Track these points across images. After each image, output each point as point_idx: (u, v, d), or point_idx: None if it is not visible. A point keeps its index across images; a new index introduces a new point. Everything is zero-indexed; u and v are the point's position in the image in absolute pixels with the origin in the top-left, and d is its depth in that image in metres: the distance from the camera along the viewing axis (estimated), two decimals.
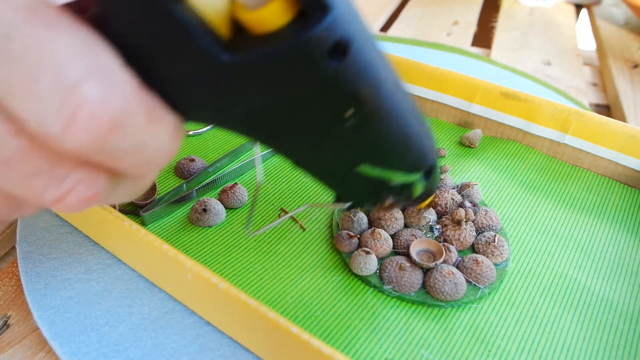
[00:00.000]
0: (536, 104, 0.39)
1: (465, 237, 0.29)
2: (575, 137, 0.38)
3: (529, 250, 0.31)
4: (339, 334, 0.25)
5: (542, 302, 0.28)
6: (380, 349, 0.25)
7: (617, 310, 0.28)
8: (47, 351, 0.26)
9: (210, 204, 0.31)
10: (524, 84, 0.54)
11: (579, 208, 0.35)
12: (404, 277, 0.27)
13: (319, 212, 0.33)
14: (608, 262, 0.31)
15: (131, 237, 0.26)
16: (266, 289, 0.27)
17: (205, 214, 0.31)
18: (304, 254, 0.30)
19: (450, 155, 0.39)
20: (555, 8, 0.85)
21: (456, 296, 0.27)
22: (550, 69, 0.63)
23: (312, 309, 0.26)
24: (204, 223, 0.31)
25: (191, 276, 0.23)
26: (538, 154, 0.40)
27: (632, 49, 0.68)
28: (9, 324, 0.28)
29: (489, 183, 0.36)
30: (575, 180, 0.37)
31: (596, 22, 0.77)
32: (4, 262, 0.32)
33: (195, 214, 0.31)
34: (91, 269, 0.29)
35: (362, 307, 0.27)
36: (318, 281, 0.28)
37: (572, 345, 0.26)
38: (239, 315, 0.23)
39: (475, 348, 0.25)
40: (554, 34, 0.74)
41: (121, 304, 0.27)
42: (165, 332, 0.25)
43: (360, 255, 0.27)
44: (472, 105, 0.41)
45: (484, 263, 0.28)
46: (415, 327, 0.26)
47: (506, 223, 0.33)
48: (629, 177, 0.37)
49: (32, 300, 0.27)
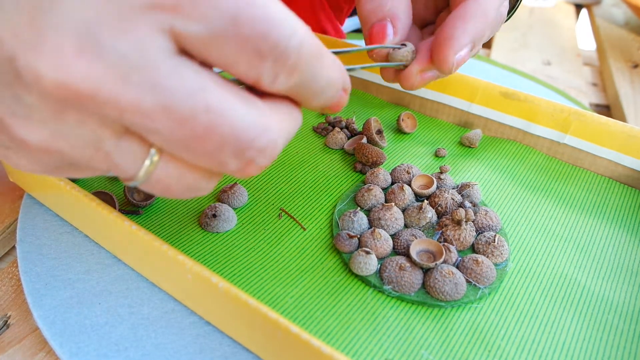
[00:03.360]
0: (536, 104, 0.39)
1: (465, 237, 0.29)
2: (575, 137, 0.38)
3: (529, 250, 0.31)
4: (339, 334, 0.25)
5: (542, 302, 0.28)
6: (380, 349, 0.25)
7: (617, 310, 0.28)
8: (47, 351, 0.26)
9: (220, 209, 0.31)
10: (524, 84, 0.54)
11: (579, 208, 0.35)
12: (404, 277, 0.27)
13: (319, 212, 0.33)
14: (608, 262, 0.31)
15: (131, 237, 0.26)
16: (266, 289, 0.27)
17: (215, 219, 0.30)
18: (304, 254, 0.30)
19: (450, 155, 0.39)
20: (555, 8, 0.85)
21: (456, 296, 0.27)
22: (550, 69, 0.63)
23: (312, 309, 0.26)
24: (213, 229, 0.30)
25: (191, 276, 0.23)
26: (538, 154, 0.40)
27: (632, 49, 0.68)
28: (9, 324, 0.28)
29: (489, 183, 0.36)
30: (575, 180, 0.37)
31: (596, 22, 0.77)
32: (4, 262, 0.32)
33: (205, 219, 0.31)
34: (91, 269, 0.29)
35: (362, 307, 0.27)
36: (318, 281, 0.28)
37: (572, 345, 0.26)
38: (239, 315, 0.23)
39: (475, 348, 0.25)
40: (554, 34, 0.74)
41: (121, 304, 0.27)
42: (165, 332, 0.25)
43: (360, 255, 0.28)
44: (472, 105, 0.41)
45: (484, 263, 0.28)
46: (415, 327, 0.26)
47: (506, 223, 0.33)
48: (629, 177, 0.37)
49: (32, 300, 0.27)
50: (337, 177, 0.36)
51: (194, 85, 0.14)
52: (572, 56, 0.67)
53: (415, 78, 0.28)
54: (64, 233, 0.31)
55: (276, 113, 0.17)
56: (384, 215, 0.30)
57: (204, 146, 0.15)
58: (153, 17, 0.13)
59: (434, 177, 0.33)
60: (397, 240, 0.30)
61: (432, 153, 0.39)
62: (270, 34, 0.15)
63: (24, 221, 0.32)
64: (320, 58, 0.17)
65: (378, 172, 0.34)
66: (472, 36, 0.25)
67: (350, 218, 0.30)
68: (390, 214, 0.30)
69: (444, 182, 0.34)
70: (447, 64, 0.26)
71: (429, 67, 0.28)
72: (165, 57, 0.14)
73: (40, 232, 0.31)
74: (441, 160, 0.38)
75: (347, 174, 0.36)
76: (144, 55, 0.13)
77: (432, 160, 0.38)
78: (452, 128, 0.43)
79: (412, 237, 0.29)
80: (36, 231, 0.31)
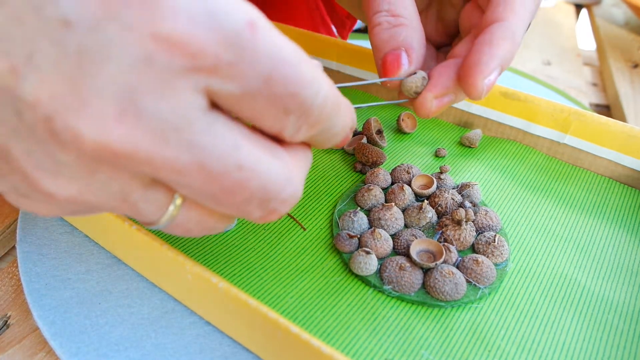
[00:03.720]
0: (536, 104, 0.39)
1: (465, 237, 0.29)
2: (575, 137, 0.38)
3: (529, 250, 0.31)
4: (339, 334, 0.25)
5: (542, 302, 0.28)
6: (380, 349, 0.25)
7: (617, 310, 0.28)
8: (47, 351, 0.26)
9: None
10: (524, 84, 0.54)
11: (579, 208, 0.35)
12: (404, 277, 0.27)
13: (319, 212, 0.33)
14: (608, 262, 0.31)
15: (131, 237, 0.26)
16: (266, 289, 0.27)
17: None
18: (304, 254, 0.30)
19: (450, 155, 0.39)
20: (555, 8, 0.85)
21: (456, 296, 0.27)
22: (550, 69, 0.63)
23: (312, 309, 0.26)
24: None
25: (191, 276, 0.23)
26: (538, 154, 0.40)
27: (632, 49, 0.68)
28: (9, 324, 0.28)
29: (489, 183, 0.36)
30: (575, 180, 0.37)
31: (596, 22, 0.77)
32: (4, 262, 0.32)
33: None
34: (91, 269, 0.29)
35: (362, 307, 0.27)
36: (318, 281, 0.28)
37: (572, 345, 0.26)
38: (239, 315, 0.23)
39: (475, 348, 0.25)
40: (554, 34, 0.74)
41: (121, 304, 0.27)
42: (165, 332, 0.25)
43: (360, 255, 0.28)
44: (472, 105, 0.41)
45: (484, 263, 0.28)
46: (415, 327, 0.26)
47: (506, 223, 0.33)
48: (629, 177, 0.37)
49: (32, 300, 0.27)
50: (337, 177, 0.36)
51: (228, 142, 0.15)
52: (572, 56, 0.67)
53: (431, 105, 0.27)
54: (64, 233, 0.31)
55: (296, 160, 0.18)
56: (384, 215, 0.30)
57: (232, 199, 0.16)
58: (192, 79, 0.14)
59: (434, 177, 0.33)
60: (397, 240, 0.30)
61: (432, 153, 0.39)
62: (299, 93, 0.15)
63: (24, 221, 0.32)
64: (338, 108, 0.17)
65: (378, 172, 0.34)
66: (500, 60, 0.25)
67: (350, 218, 0.30)
68: (390, 214, 0.30)
69: (444, 182, 0.34)
70: (476, 90, 0.25)
71: (444, 93, 0.27)
72: (201, 115, 0.14)
73: (40, 232, 0.31)
74: (441, 160, 0.38)
75: (347, 174, 0.36)
76: (181, 116, 0.14)
77: (432, 160, 0.38)
78: (452, 128, 0.43)
79: (412, 237, 0.29)
80: (36, 231, 0.31)
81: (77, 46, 0.13)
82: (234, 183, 0.15)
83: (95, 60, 0.13)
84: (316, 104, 0.16)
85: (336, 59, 0.47)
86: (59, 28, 0.12)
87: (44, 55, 0.13)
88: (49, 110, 0.13)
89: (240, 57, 0.14)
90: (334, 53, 0.47)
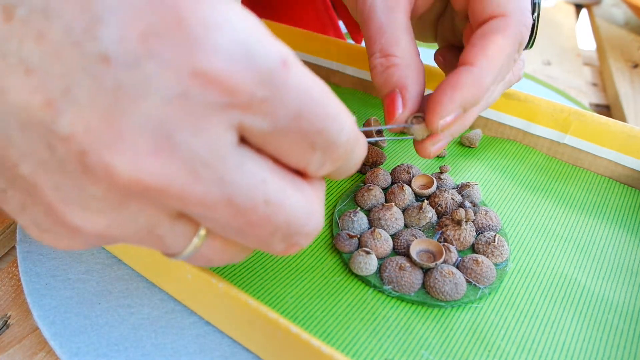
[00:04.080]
0: (536, 104, 0.39)
1: (465, 237, 0.29)
2: (575, 137, 0.38)
3: (529, 250, 0.31)
4: (339, 334, 0.25)
5: (542, 302, 0.28)
6: (380, 349, 0.25)
7: (617, 310, 0.28)
8: (47, 351, 0.26)
9: None
10: (524, 84, 0.54)
11: (579, 208, 0.35)
12: (404, 277, 0.27)
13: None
14: (608, 262, 0.31)
15: None
16: (266, 289, 0.27)
17: None
18: (304, 254, 0.30)
19: (450, 155, 0.39)
20: (555, 8, 0.85)
21: (456, 296, 0.27)
22: (550, 69, 0.63)
23: (312, 309, 0.26)
24: None
25: (191, 276, 0.23)
26: (538, 154, 0.40)
27: (632, 49, 0.68)
28: (9, 324, 0.28)
29: (489, 183, 0.36)
30: (575, 180, 0.37)
31: (596, 22, 0.77)
32: (4, 262, 0.32)
33: None
34: (91, 269, 0.29)
35: (362, 307, 0.27)
36: (318, 281, 0.28)
37: (572, 345, 0.26)
38: (239, 315, 0.23)
39: (475, 348, 0.25)
40: (554, 34, 0.74)
41: (121, 304, 0.27)
42: (165, 332, 0.25)
43: (360, 255, 0.28)
44: None
45: (484, 263, 0.28)
46: (415, 327, 0.26)
47: (506, 223, 0.33)
48: (629, 177, 0.37)
49: (32, 300, 0.27)
50: None
51: (257, 178, 0.15)
52: (572, 56, 0.67)
53: (430, 150, 0.28)
54: None
55: (316, 192, 0.18)
56: (384, 215, 0.30)
57: (257, 233, 0.16)
58: (226, 115, 0.14)
59: (434, 177, 0.33)
60: (397, 240, 0.30)
61: None
62: (326, 131, 0.16)
63: None
64: (358, 143, 0.18)
65: (378, 172, 0.34)
66: (460, 104, 0.25)
67: (350, 218, 0.30)
68: (390, 214, 0.30)
69: (444, 182, 0.34)
70: (432, 126, 0.26)
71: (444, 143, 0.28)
72: (232, 151, 0.14)
73: None
74: (441, 160, 0.38)
75: None
76: (214, 151, 0.14)
77: (432, 160, 0.38)
78: None
79: (412, 237, 0.29)
80: None
81: (115, 81, 0.13)
82: (260, 218, 0.15)
83: (132, 95, 0.13)
84: (341, 141, 0.16)
85: (336, 59, 0.47)
86: (97, 64, 0.12)
87: (81, 90, 0.13)
88: (84, 145, 0.13)
89: (273, 95, 0.14)
90: (334, 53, 0.47)
